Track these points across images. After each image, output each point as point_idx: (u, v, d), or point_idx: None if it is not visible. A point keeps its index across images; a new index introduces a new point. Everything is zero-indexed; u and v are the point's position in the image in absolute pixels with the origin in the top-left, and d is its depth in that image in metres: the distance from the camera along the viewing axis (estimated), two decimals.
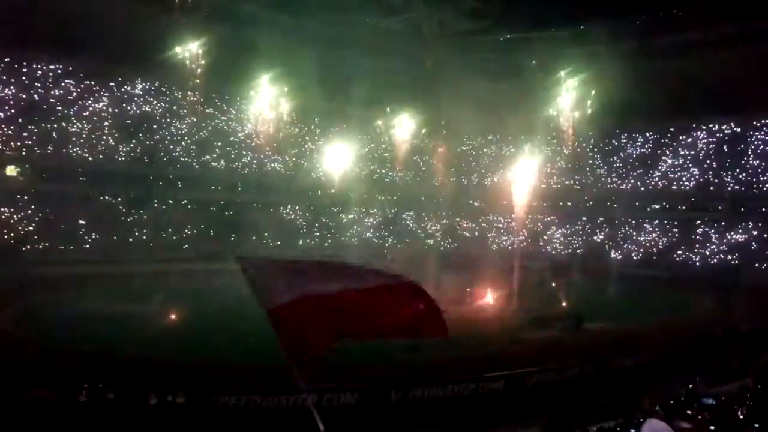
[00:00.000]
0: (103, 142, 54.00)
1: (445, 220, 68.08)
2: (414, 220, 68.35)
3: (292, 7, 56.44)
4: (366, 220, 65.30)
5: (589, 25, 58.19)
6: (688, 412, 12.31)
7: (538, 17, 56.07)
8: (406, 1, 61.69)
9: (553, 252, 62.55)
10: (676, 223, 60.45)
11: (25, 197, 48.76)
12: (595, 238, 64.11)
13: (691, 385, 16.63)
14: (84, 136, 53.21)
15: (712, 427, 11.11)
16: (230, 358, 22.90)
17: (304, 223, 62.25)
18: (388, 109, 67.01)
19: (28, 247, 46.08)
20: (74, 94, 53.80)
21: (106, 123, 54.34)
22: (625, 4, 53.37)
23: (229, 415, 17.23)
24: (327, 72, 54.14)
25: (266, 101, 61.39)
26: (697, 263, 55.14)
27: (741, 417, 11.47)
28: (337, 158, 62.62)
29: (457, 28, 62.55)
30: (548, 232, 66.38)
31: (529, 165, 50.45)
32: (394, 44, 62.51)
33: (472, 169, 74.07)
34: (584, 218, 65.38)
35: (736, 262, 53.06)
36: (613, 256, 59.00)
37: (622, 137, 69.27)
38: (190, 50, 55.51)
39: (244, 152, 62.25)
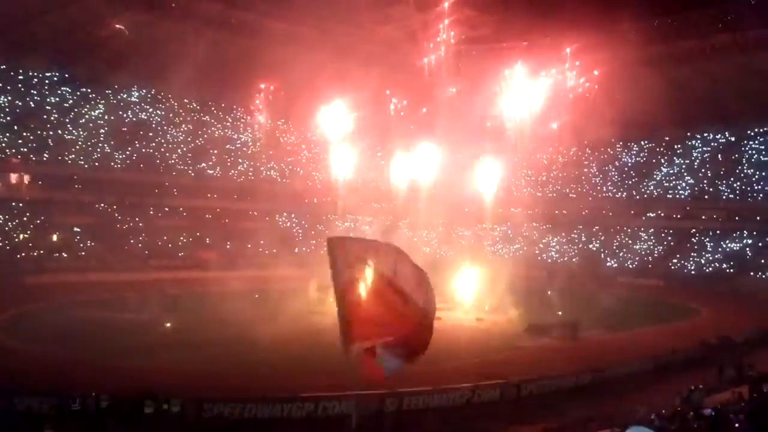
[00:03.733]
0: None
1: None
2: None
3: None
4: None
5: None
6: (685, 421, 12.30)
7: None
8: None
9: None
10: None
11: None
12: None
13: (686, 394, 16.61)
14: None
15: None
16: (224, 366, 22.85)
17: None
18: None
19: None
20: None
21: None
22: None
23: (224, 424, 17.13)
24: None
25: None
26: None
27: (737, 425, 11.47)
28: None
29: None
30: None
31: None
32: None
33: None
34: None
35: None
36: None
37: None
38: None
39: None
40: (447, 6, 53.87)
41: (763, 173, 59.06)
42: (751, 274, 52.25)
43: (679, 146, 65.89)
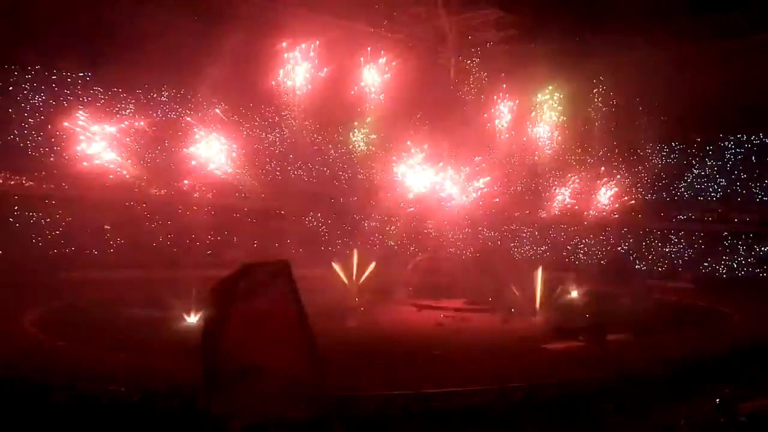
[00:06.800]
0: None
1: None
2: None
3: None
4: None
5: None
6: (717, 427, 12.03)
7: None
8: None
9: None
10: None
11: None
12: None
13: (718, 400, 16.25)
14: None
15: None
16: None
17: None
18: None
19: None
20: None
21: None
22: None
23: (249, 421, 17.18)
24: None
25: None
26: None
27: None
28: None
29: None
30: None
31: None
32: None
33: None
34: None
35: None
36: None
37: None
38: None
39: None
40: None
41: None
42: None
43: (711, 147, 64.55)
